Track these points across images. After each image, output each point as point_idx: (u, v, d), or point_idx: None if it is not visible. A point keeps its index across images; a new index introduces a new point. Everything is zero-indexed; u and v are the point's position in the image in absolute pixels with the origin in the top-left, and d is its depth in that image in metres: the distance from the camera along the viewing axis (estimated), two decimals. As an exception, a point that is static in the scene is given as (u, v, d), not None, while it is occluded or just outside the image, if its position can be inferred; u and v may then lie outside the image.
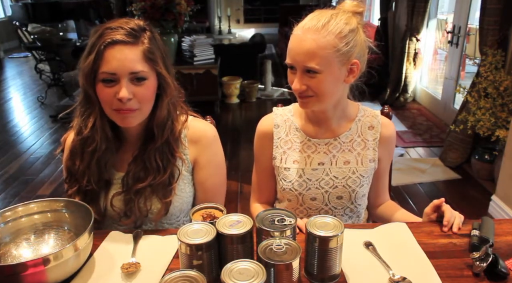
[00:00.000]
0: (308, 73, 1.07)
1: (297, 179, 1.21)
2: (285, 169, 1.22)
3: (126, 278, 0.96)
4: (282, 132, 1.23)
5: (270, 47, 8.17)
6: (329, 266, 0.92)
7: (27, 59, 7.69)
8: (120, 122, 1.04)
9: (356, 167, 1.21)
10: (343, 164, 1.20)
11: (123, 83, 0.98)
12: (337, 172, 1.20)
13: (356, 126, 1.22)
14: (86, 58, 0.99)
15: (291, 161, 1.21)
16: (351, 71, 1.10)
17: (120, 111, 1.01)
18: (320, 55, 1.04)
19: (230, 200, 2.95)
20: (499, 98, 2.81)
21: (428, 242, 1.07)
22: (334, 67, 1.06)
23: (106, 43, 0.97)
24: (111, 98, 0.99)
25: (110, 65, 0.97)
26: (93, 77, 0.99)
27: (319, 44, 1.04)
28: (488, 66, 2.91)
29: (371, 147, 1.22)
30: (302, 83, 1.08)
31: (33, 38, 5.28)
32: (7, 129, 4.47)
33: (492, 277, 0.94)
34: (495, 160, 2.95)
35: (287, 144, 1.23)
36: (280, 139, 1.23)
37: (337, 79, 1.09)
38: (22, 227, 1.06)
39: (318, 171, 1.20)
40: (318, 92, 1.09)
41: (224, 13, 9.99)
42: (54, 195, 2.96)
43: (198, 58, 4.47)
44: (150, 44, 1.03)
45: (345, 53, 1.06)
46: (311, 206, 1.23)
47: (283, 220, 0.93)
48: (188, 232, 0.90)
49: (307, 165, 1.21)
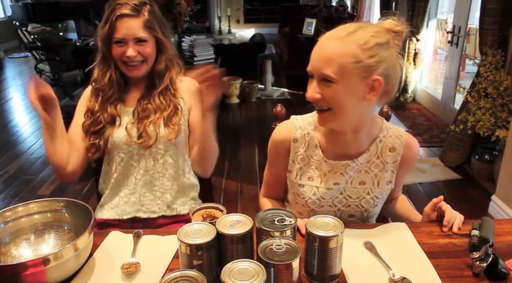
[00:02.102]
0: (324, 81, 1.01)
1: (311, 196, 1.17)
2: (300, 185, 1.18)
3: (126, 278, 0.96)
4: (300, 147, 1.18)
5: (270, 47, 8.17)
6: (329, 266, 0.92)
7: (27, 59, 7.68)
8: (128, 73, 1.37)
9: (372, 188, 1.17)
10: (358, 184, 1.17)
11: (130, 45, 1.33)
12: (352, 191, 1.17)
13: (376, 147, 1.15)
14: (102, 27, 1.33)
15: (306, 178, 1.18)
16: (372, 89, 1.01)
17: (128, 66, 1.35)
18: (338, 63, 0.98)
19: (230, 200, 2.95)
20: (499, 98, 2.81)
21: (428, 242, 1.08)
22: (352, 79, 1.00)
23: (116, 16, 1.30)
24: (122, 55, 1.33)
25: (120, 33, 1.32)
26: (108, 41, 1.33)
27: (340, 51, 0.98)
28: (488, 66, 2.91)
29: (390, 169, 1.17)
30: (316, 91, 1.03)
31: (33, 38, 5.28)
32: (7, 129, 4.47)
33: (492, 277, 0.94)
34: (495, 160, 2.95)
35: (304, 161, 1.18)
36: (297, 154, 1.18)
37: (355, 93, 1.02)
38: (22, 227, 1.06)
39: (333, 191, 1.16)
40: (333, 105, 1.03)
41: (224, 13, 9.99)
42: (54, 195, 2.96)
43: (198, 58, 4.47)
44: (149, 15, 1.35)
45: (366, 66, 0.99)
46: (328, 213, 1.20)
47: (283, 220, 0.93)
48: (188, 232, 0.91)
49: (322, 184, 1.16)
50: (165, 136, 1.37)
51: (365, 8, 7.45)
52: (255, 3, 10.65)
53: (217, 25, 9.86)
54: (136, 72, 1.37)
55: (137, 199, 1.42)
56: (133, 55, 1.32)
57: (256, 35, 6.48)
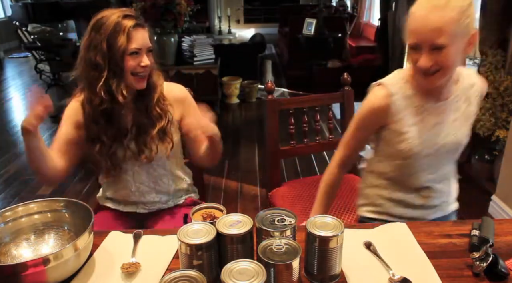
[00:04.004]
0: (435, 49, 1.11)
1: (415, 140, 1.26)
2: (404, 132, 1.26)
3: (126, 278, 0.96)
4: (399, 99, 1.26)
5: (270, 47, 8.16)
6: (329, 266, 0.92)
7: (27, 59, 7.68)
8: (137, 84, 1.31)
9: (463, 122, 1.31)
10: (452, 122, 1.29)
11: (144, 54, 1.29)
12: (449, 128, 1.28)
13: (461, 86, 1.29)
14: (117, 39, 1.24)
15: (410, 124, 1.26)
16: (471, 42, 1.15)
17: (139, 76, 1.30)
18: (447, 31, 1.09)
19: (230, 200, 2.95)
20: (499, 98, 2.81)
21: (428, 242, 1.08)
22: (458, 40, 1.12)
23: (131, 26, 1.26)
24: (136, 65, 1.28)
25: (137, 43, 1.27)
26: (123, 52, 1.26)
27: (446, 20, 1.09)
28: (488, 66, 2.91)
29: (474, 103, 1.31)
30: (430, 60, 1.13)
31: (33, 38, 5.27)
32: (7, 129, 4.47)
33: (492, 277, 0.94)
34: (495, 160, 2.95)
35: (405, 110, 1.26)
36: (399, 105, 1.26)
37: (460, 50, 1.15)
38: (22, 227, 1.06)
39: (433, 131, 1.27)
40: (444, 66, 1.14)
41: (224, 13, 9.99)
42: (54, 195, 2.95)
43: (198, 58, 4.46)
44: (149, 27, 1.34)
45: (466, 26, 1.11)
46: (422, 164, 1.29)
47: (283, 220, 0.93)
48: (188, 232, 0.91)
49: (423, 127, 1.26)
50: (161, 150, 1.38)
51: (365, 8, 7.46)
52: (255, 3, 10.65)
53: (217, 25, 9.86)
54: (143, 83, 1.32)
55: (135, 200, 1.47)
56: (148, 64, 1.29)
57: (256, 35, 6.47)
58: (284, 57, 6.70)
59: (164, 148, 1.38)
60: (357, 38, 6.82)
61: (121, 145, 1.37)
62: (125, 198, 1.46)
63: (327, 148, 1.97)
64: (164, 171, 1.45)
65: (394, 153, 1.31)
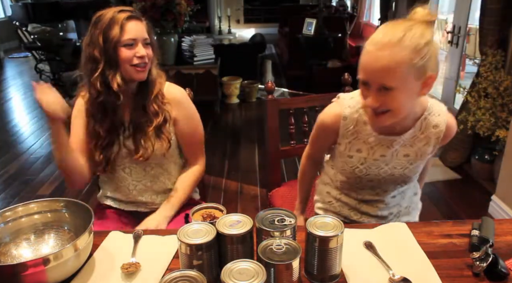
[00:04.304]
0: (383, 90, 1.04)
1: (358, 166, 1.27)
2: (348, 156, 1.27)
3: (126, 278, 0.96)
4: (349, 124, 1.24)
5: (270, 47, 8.16)
6: (329, 266, 0.92)
7: (27, 59, 7.68)
8: (137, 75, 1.32)
9: (415, 159, 1.26)
10: (403, 157, 1.25)
11: (140, 45, 1.31)
12: (396, 163, 1.26)
13: (421, 124, 1.21)
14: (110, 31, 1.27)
15: (355, 150, 1.26)
16: (426, 84, 1.07)
17: (137, 67, 1.31)
18: (396, 72, 1.01)
19: (230, 200, 2.95)
20: (499, 98, 2.81)
21: (428, 242, 1.08)
22: (410, 83, 1.04)
23: (126, 18, 1.29)
24: (132, 57, 1.30)
25: (131, 34, 1.29)
26: (116, 44, 1.28)
27: (395, 60, 1.01)
28: (488, 66, 2.91)
29: (432, 144, 1.24)
30: (377, 100, 1.06)
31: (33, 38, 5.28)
32: (7, 129, 4.47)
33: (492, 277, 0.94)
34: (495, 160, 2.95)
35: (353, 135, 1.25)
36: (347, 130, 1.25)
37: (412, 93, 1.07)
38: (22, 227, 1.06)
39: (379, 162, 1.25)
40: (392, 108, 1.08)
41: (224, 13, 9.99)
42: (54, 195, 2.96)
43: (198, 58, 4.46)
44: (148, 22, 1.38)
45: (420, 67, 1.02)
46: (365, 186, 1.32)
47: (283, 220, 0.93)
48: (188, 232, 0.91)
49: (369, 155, 1.25)
50: (158, 149, 1.38)
51: (365, 8, 7.46)
52: (255, 3, 10.65)
53: (217, 25, 9.86)
54: (143, 74, 1.34)
55: (134, 199, 1.47)
56: (144, 55, 1.30)
57: (256, 35, 6.47)
58: (284, 57, 6.70)
59: (160, 146, 1.38)
60: (357, 38, 6.81)
61: (117, 139, 1.38)
62: (125, 197, 1.47)
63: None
64: (161, 169, 1.45)
65: (341, 168, 1.33)
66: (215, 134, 4.21)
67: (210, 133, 4.19)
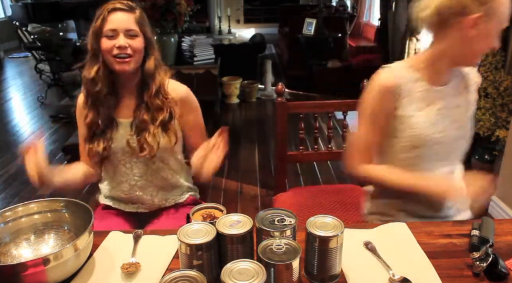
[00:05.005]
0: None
1: (421, 124, 1.26)
2: (409, 116, 1.26)
3: (126, 278, 0.96)
4: (404, 83, 1.26)
5: (270, 47, 8.16)
6: (329, 266, 0.92)
7: (27, 59, 7.67)
8: (117, 66, 1.32)
9: (466, 109, 1.34)
10: (456, 108, 1.31)
11: (121, 36, 1.31)
12: (454, 113, 1.30)
13: (457, 72, 1.33)
14: (95, 22, 1.32)
15: (414, 109, 1.26)
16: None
17: (117, 58, 1.31)
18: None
19: (230, 200, 2.95)
20: (499, 98, 2.81)
21: (428, 242, 1.08)
22: None
23: (109, 9, 1.32)
24: (112, 47, 1.30)
25: (112, 24, 1.31)
26: (98, 34, 1.31)
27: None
28: (488, 66, 2.91)
29: (472, 90, 1.35)
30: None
31: (33, 38, 5.27)
32: (7, 129, 4.47)
33: (492, 277, 0.94)
34: (495, 160, 2.95)
35: (409, 95, 1.26)
36: (403, 89, 1.26)
37: None
38: (22, 227, 1.06)
39: (439, 116, 1.28)
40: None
41: (224, 13, 9.98)
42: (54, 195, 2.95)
43: (198, 58, 4.46)
44: (140, 15, 1.37)
45: None
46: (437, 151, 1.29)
47: (283, 220, 0.93)
48: (188, 232, 0.91)
49: (427, 111, 1.27)
50: (164, 144, 1.38)
51: (365, 8, 7.46)
52: (255, 3, 10.65)
53: (217, 25, 9.85)
54: (125, 66, 1.32)
55: (135, 197, 1.47)
56: (123, 45, 1.29)
57: (256, 35, 6.47)
58: (284, 57, 6.69)
59: (167, 141, 1.38)
60: (357, 38, 6.82)
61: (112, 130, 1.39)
62: (125, 194, 1.46)
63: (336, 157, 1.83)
64: (162, 164, 1.45)
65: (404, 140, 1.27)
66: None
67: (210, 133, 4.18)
